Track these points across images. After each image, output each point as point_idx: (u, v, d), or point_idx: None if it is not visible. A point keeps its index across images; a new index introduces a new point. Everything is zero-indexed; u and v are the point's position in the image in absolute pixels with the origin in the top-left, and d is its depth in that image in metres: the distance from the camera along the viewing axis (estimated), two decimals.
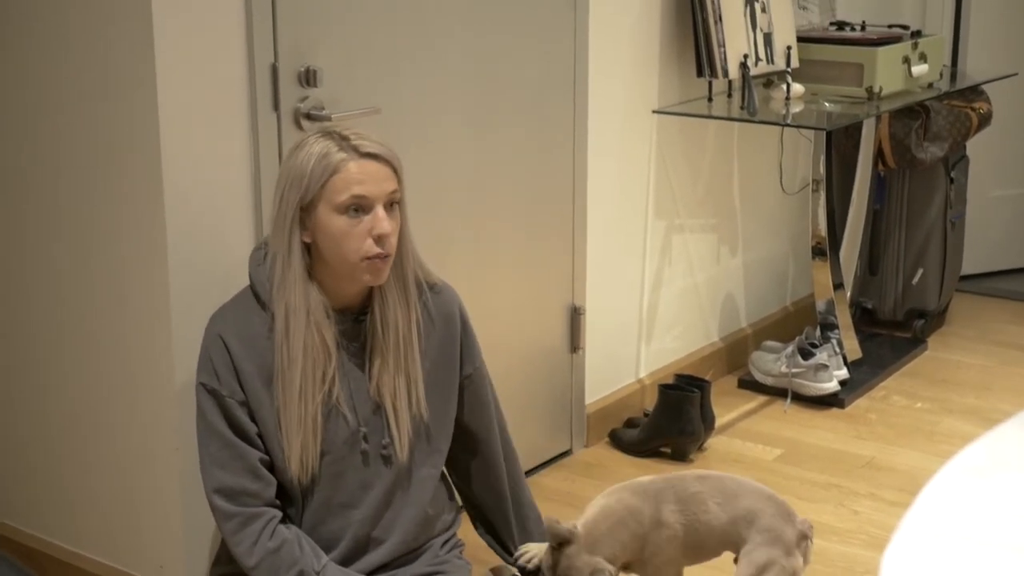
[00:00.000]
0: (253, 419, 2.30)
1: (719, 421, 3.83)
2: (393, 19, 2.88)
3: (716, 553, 2.57)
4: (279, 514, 2.33)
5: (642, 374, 3.93)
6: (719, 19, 3.64)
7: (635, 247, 3.81)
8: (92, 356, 2.76)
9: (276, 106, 2.66)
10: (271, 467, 2.32)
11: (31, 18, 2.64)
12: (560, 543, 2.47)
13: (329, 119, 2.69)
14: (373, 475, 2.37)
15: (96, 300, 2.71)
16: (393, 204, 2.29)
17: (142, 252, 2.58)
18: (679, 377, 3.78)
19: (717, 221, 4.13)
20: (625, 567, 2.55)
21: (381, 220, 2.24)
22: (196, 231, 2.57)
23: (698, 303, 4.12)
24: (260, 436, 2.31)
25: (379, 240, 2.25)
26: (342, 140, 2.25)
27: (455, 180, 3.13)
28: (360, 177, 2.23)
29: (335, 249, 2.25)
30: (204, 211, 2.58)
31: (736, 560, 2.53)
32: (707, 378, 3.82)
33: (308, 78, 2.69)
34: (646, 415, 3.75)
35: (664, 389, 3.68)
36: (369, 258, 2.25)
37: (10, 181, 2.79)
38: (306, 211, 2.25)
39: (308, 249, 2.29)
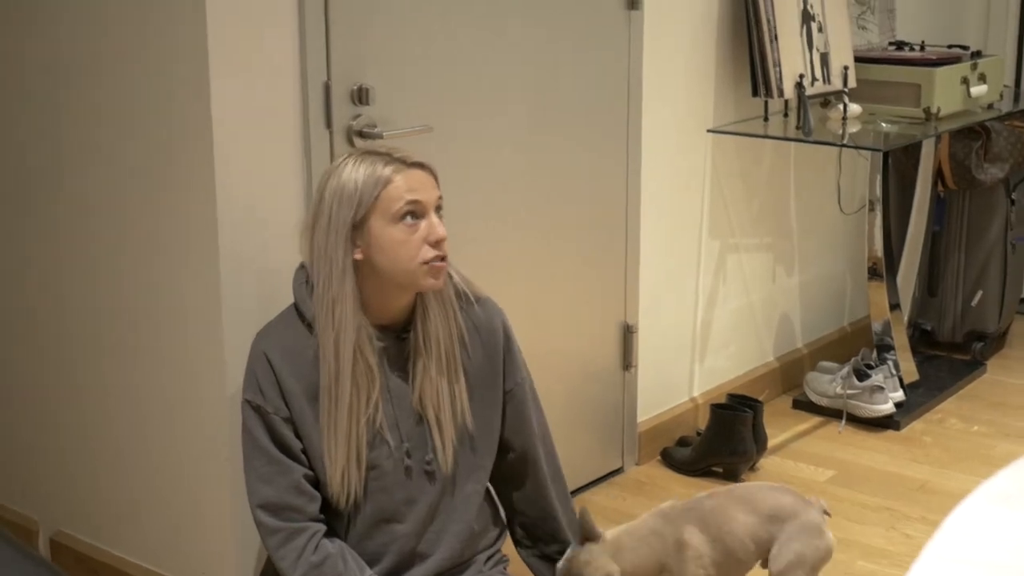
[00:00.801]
0: (298, 435, 2.32)
1: (772, 441, 3.82)
2: (446, 38, 2.91)
3: (752, 562, 2.61)
4: (323, 528, 2.35)
5: (695, 393, 3.92)
6: (775, 38, 3.64)
7: (689, 265, 3.81)
8: (144, 368, 2.81)
9: (329, 124, 2.69)
10: (316, 483, 2.35)
11: (91, 35, 2.69)
12: (586, 537, 2.51)
13: (381, 137, 2.72)
14: (417, 490, 2.39)
15: (149, 312, 2.76)
16: (440, 210, 2.33)
17: (195, 266, 2.63)
18: (732, 397, 3.77)
19: (773, 240, 4.12)
20: None
21: (436, 225, 2.29)
22: (248, 246, 2.61)
23: (753, 322, 4.11)
24: (304, 452, 2.33)
25: (436, 244, 2.29)
26: (385, 155, 2.29)
27: (506, 198, 3.15)
28: (412, 185, 2.28)
29: (392, 259, 2.28)
30: (256, 227, 2.61)
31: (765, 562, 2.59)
32: (760, 398, 3.81)
33: (361, 96, 2.72)
34: (699, 434, 3.74)
35: (716, 409, 3.68)
36: (428, 262, 2.28)
37: (67, 195, 2.85)
38: (357, 228, 2.28)
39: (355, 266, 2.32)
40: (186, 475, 2.79)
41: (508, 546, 2.65)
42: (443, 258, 2.31)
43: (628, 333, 3.58)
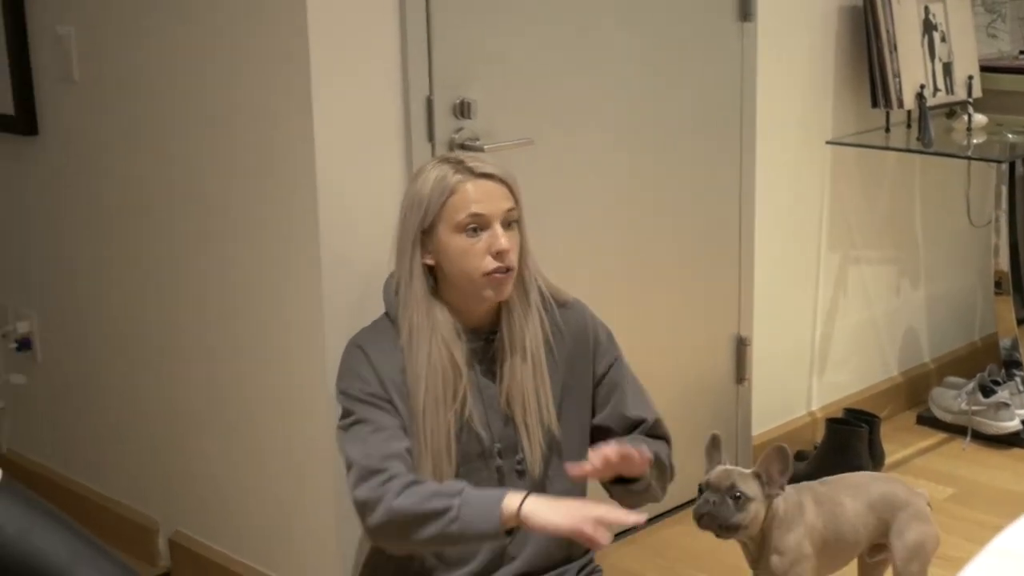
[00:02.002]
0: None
1: (893, 457, 3.76)
2: (549, 51, 2.94)
3: (859, 548, 2.67)
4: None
5: (814, 407, 3.88)
6: (894, 48, 3.58)
7: (807, 278, 3.77)
8: (251, 371, 2.90)
9: (431, 137, 2.74)
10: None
11: (197, 49, 2.79)
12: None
13: (482, 150, 2.76)
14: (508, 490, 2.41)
15: (255, 318, 2.84)
16: (510, 223, 2.34)
17: (297, 273, 2.70)
18: (849, 412, 3.72)
19: (897, 253, 4.05)
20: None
21: (499, 237, 2.30)
22: (349, 254, 2.67)
23: (875, 336, 4.05)
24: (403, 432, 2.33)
25: (498, 256, 2.30)
26: (458, 163, 2.33)
27: (612, 211, 3.16)
28: (477, 196, 2.30)
29: (457, 268, 2.32)
30: (357, 236, 2.67)
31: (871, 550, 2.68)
32: (882, 414, 3.75)
33: (463, 110, 2.77)
34: (815, 449, 3.70)
35: (832, 423, 3.63)
36: (489, 273, 2.31)
37: (179, 204, 2.95)
38: (427, 234, 2.33)
39: (433, 271, 2.36)
40: (291, 475, 2.87)
41: (600, 556, 2.66)
42: (507, 269, 2.33)
43: (741, 345, 3.56)
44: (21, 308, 3.50)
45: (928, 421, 4.03)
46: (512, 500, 2.19)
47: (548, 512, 2.17)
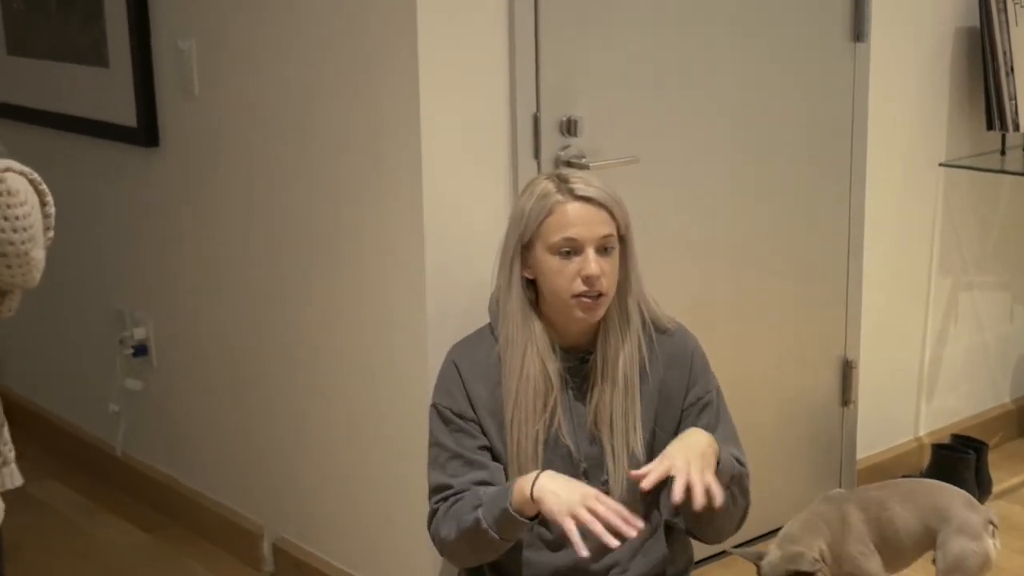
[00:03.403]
0: (485, 436, 2.41)
1: (1002, 485, 3.69)
2: (656, 69, 2.95)
3: (914, 554, 2.71)
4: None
5: (921, 432, 3.83)
6: (1011, 71, 3.53)
7: (917, 301, 3.73)
8: (352, 381, 2.95)
9: (537, 154, 2.77)
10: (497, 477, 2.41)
11: (310, 65, 2.85)
12: (758, 558, 2.65)
13: (588, 167, 2.77)
14: None
15: (361, 328, 2.89)
16: (607, 248, 2.35)
17: (404, 286, 2.74)
18: (956, 438, 3.67)
19: (1011, 278, 3.99)
20: None
21: (590, 262, 2.31)
22: (454, 267, 2.71)
23: (987, 362, 3.99)
24: (488, 451, 2.40)
25: (587, 281, 2.32)
26: (561, 183, 2.35)
27: (717, 230, 3.15)
28: (573, 219, 2.32)
29: (549, 286, 2.35)
30: (462, 250, 2.71)
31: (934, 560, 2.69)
32: (991, 441, 3.69)
33: (569, 127, 2.79)
34: (921, 474, 3.65)
35: (938, 449, 3.59)
36: (577, 296, 2.33)
37: (289, 216, 3.01)
38: (527, 248, 2.36)
39: (533, 284, 2.39)
40: (392, 484, 2.91)
41: None
42: (599, 294, 2.34)
43: (848, 368, 3.53)
44: (138, 314, 3.60)
45: None
46: (524, 483, 2.25)
47: (552, 500, 2.20)
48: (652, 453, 2.42)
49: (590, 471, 2.42)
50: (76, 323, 3.90)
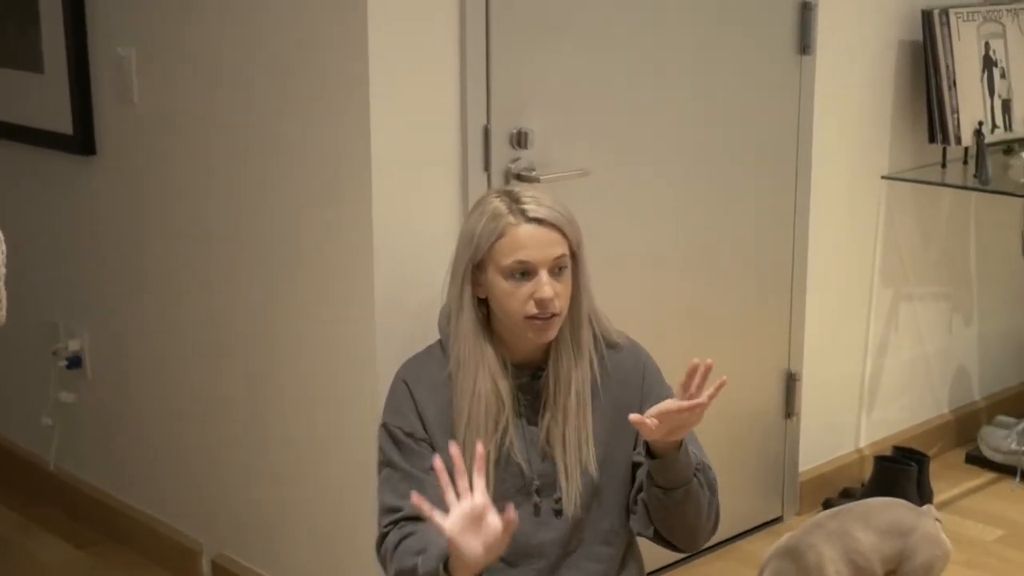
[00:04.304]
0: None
1: (941, 496, 3.72)
2: (607, 83, 2.93)
3: (876, 574, 2.74)
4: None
5: (862, 443, 3.84)
6: (953, 84, 3.56)
7: (859, 313, 3.74)
8: (301, 396, 2.90)
9: (487, 166, 2.74)
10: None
11: (260, 74, 2.80)
12: None
13: (538, 180, 2.75)
14: (547, 528, 2.40)
15: (307, 343, 2.84)
16: (560, 268, 2.32)
17: (351, 300, 2.70)
18: (898, 449, 3.68)
19: (950, 290, 4.02)
20: None
21: (543, 285, 2.28)
22: (403, 281, 2.67)
23: (927, 373, 4.01)
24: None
25: (540, 304, 2.29)
26: (512, 202, 2.30)
27: (665, 243, 3.15)
28: (525, 242, 2.28)
29: (501, 308, 2.32)
30: (412, 264, 2.67)
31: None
32: (931, 452, 3.71)
33: (520, 140, 2.77)
34: (863, 486, 3.66)
35: (880, 461, 3.60)
36: (529, 317, 2.30)
37: (238, 230, 2.96)
38: (478, 269, 2.32)
39: (486, 303, 2.36)
40: (337, 502, 2.87)
41: None
42: (551, 315, 2.31)
43: (791, 381, 3.54)
44: (73, 326, 3.52)
45: (977, 460, 3.98)
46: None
47: (467, 551, 2.11)
48: (604, 471, 2.40)
49: (542, 489, 2.39)
50: (8, 334, 3.77)
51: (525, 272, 2.29)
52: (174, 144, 3.08)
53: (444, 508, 2.34)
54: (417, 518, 2.32)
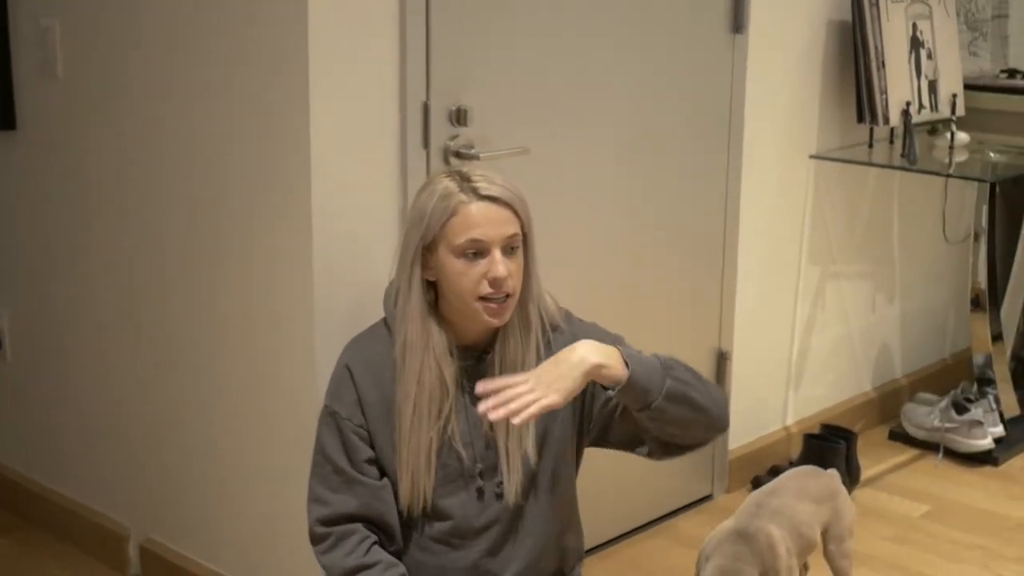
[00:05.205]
0: (372, 446, 2.34)
1: (866, 473, 3.76)
2: (545, 61, 2.91)
3: (815, 546, 2.83)
4: (375, 538, 2.35)
5: (789, 421, 3.87)
6: (882, 65, 3.58)
7: (787, 292, 3.76)
8: (235, 378, 2.84)
9: (426, 143, 2.70)
10: (381, 500, 2.36)
11: (193, 50, 2.73)
12: None
13: (478, 158, 2.72)
14: (488, 512, 2.38)
15: (242, 322, 2.79)
16: (513, 248, 2.29)
17: (289, 279, 2.65)
18: (825, 427, 3.72)
19: (874, 268, 4.06)
20: None
21: (496, 264, 2.25)
22: (342, 261, 2.62)
23: (851, 351, 4.05)
24: (375, 464, 2.35)
25: (494, 283, 2.26)
26: (463, 181, 2.27)
27: (601, 221, 3.13)
28: (478, 220, 2.25)
29: (453, 289, 2.29)
30: (351, 243, 2.63)
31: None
32: (856, 429, 3.75)
33: (459, 117, 2.73)
34: (791, 463, 3.69)
35: (809, 439, 3.63)
36: (484, 298, 2.27)
37: (169, 207, 2.89)
38: (428, 250, 2.29)
39: (434, 286, 2.33)
40: (274, 484, 2.82)
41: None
42: (507, 296, 2.28)
43: (722, 359, 3.55)
44: None
45: (900, 437, 4.04)
46: None
47: None
48: (546, 450, 2.38)
49: (485, 473, 2.37)
50: None
51: (478, 251, 2.26)
52: (99, 119, 3.00)
53: (381, 509, 2.34)
54: (351, 517, 2.34)
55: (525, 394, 2.14)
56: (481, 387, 2.17)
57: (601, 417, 2.40)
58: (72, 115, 3.06)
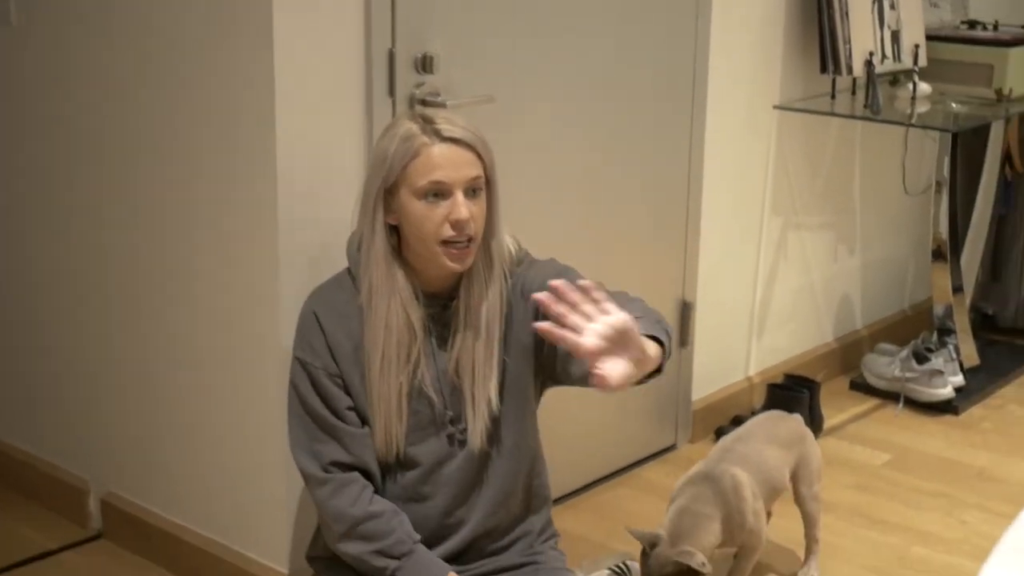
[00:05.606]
0: (348, 394, 2.33)
1: (829, 423, 3.78)
2: (512, 8, 2.88)
3: (783, 489, 2.88)
4: (373, 487, 2.35)
5: (752, 372, 3.88)
6: (846, 15, 3.57)
7: (750, 243, 3.76)
8: (199, 330, 2.81)
9: (392, 91, 2.67)
10: (362, 445, 2.35)
11: (155, 5, 2.69)
12: (651, 545, 2.61)
13: (444, 106, 2.69)
14: (456, 458, 2.38)
15: (206, 275, 2.75)
16: (476, 191, 2.27)
17: (253, 229, 2.62)
18: (789, 377, 3.73)
19: (836, 219, 4.06)
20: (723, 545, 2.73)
21: (459, 206, 2.24)
22: (307, 210, 2.59)
23: (813, 302, 4.06)
24: (353, 411, 2.34)
25: (456, 225, 2.24)
26: (426, 123, 2.25)
27: (566, 171, 3.12)
28: (440, 162, 2.23)
29: (415, 233, 2.27)
30: (316, 191, 2.60)
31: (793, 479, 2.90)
32: (818, 379, 3.77)
33: (424, 64, 2.70)
34: (754, 413, 3.70)
35: (773, 389, 3.64)
36: (446, 242, 2.25)
37: (134, 153, 2.84)
38: (390, 193, 2.27)
39: (397, 231, 2.31)
40: (238, 438, 2.79)
41: (559, 520, 2.63)
42: (469, 240, 2.26)
43: (686, 310, 3.55)
44: None
45: (861, 387, 4.06)
46: None
47: None
48: (508, 394, 2.37)
49: (455, 419, 2.37)
50: None
51: (439, 193, 2.24)
52: (56, 67, 2.94)
53: (365, 457, 2.33)
54: (345, 466, 2.33)
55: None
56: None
57: (564, 353, 2.34)
58: (26, 63, 3.01)
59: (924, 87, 3.80)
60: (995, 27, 4.06)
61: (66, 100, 2.95)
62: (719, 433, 3.67)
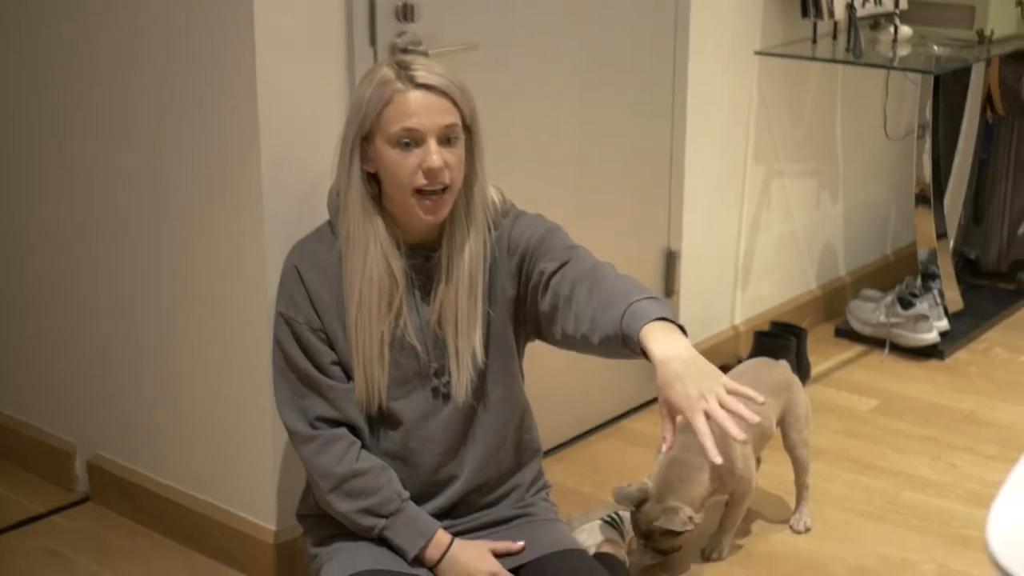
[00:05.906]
0: (333, 348, 2.31)
1: (815, 370, 3.78)
2: None
3: (773, 432, 2.90)
4: (359, 442, 2.33)
5: (737, 320, 3.87)
6: None
7: (733, 191, 3.74)
8: (184, 289, 2.77)
9: (373, 41, 2.62)
10: (348, 398, 2.33)
11: None
12: (637, 504, 2.64)
13: (426, 55, 2.65)
14: (442, 413, 2.36)
15: (188, 229, 2.72)
16: (450, 139, 2.24)
17: (236, 181, 2.58)
18: (775, 324, 3.72)
19: (818, 166, 4.05)
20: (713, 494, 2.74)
21: (431, 154, 2.20)
22: (290, 162, 2.56)
23: (796, 249, 4.05)
24: (338, 365, 2.31)
25: (428, 174, 2.21)
26: (401, 69, 2.22)
27: (550, 119, 3.08)
28: (413, 109, 2.20)
29: (390, 181, 2.24)
30: (298, 143, 2.56)
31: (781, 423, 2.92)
32: (803, 326, 3.76)
33: (406, 13, 2.66)
34: (740, 362, 3.69)
35: (759, 336, 3.63)
36: (420, 191, 2.22)
37: (112, 111, 2.80)
38: (367, 140, 2.24)
39: (377, 180, 2.28)
40: (225, 397, 2.76)
41: (551, 473, 2.61)
42: (443, 189, 2.22)
43: (671, 259, 3.53)
44: None
45: (846, 333, 4.05)
46: (440, 540, 2.33)
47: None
48: (493, 345, 2.35)
49: (439, 372, 2.34)
50: None
51: (412, 141, 2.21)
52: (38, 20, 2.89)
53: (352, 413, 2.31)
54: (332, 421, 2.31)
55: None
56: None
57: (548, 310, 2.32)
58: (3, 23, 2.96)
59: (905, 30, 3.78)
60: None
61: (39, 60, 2.90)
62: None
